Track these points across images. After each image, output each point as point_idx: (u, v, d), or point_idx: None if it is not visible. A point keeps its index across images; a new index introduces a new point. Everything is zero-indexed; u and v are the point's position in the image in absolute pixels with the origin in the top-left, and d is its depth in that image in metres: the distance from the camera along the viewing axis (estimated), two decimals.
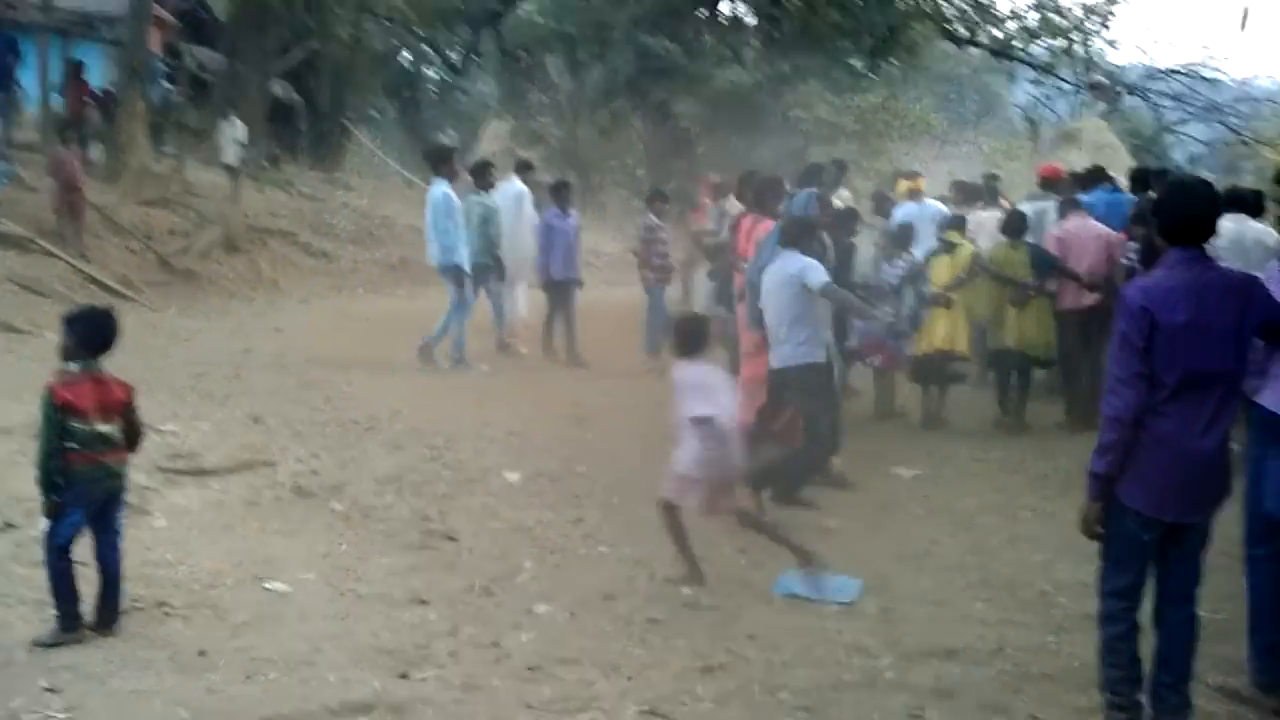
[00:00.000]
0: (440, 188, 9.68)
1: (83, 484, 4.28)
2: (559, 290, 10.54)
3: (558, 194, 10.89)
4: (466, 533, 5.78)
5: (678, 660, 4.34)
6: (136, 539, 5.32)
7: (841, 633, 4.64)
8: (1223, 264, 3.73)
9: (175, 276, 12.97)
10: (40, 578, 4.59)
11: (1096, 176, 9.44)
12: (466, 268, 9.70)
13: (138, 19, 15.06)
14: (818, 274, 6.16)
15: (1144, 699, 3.67)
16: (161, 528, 5.62)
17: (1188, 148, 30.24)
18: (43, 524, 4.40)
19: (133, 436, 4.47)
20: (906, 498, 6.60)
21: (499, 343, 10.68)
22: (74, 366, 4.36)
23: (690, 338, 5.34)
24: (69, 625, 4.28)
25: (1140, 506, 3.55)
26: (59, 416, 4.21)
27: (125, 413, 4.39)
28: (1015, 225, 8.38)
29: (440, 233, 9.55)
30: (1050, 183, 9.98)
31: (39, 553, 4.96)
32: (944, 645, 4.48)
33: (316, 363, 9.77)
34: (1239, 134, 26.39)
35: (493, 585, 5.08)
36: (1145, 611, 3.68)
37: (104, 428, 4.30)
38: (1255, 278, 3.68)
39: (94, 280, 11.57)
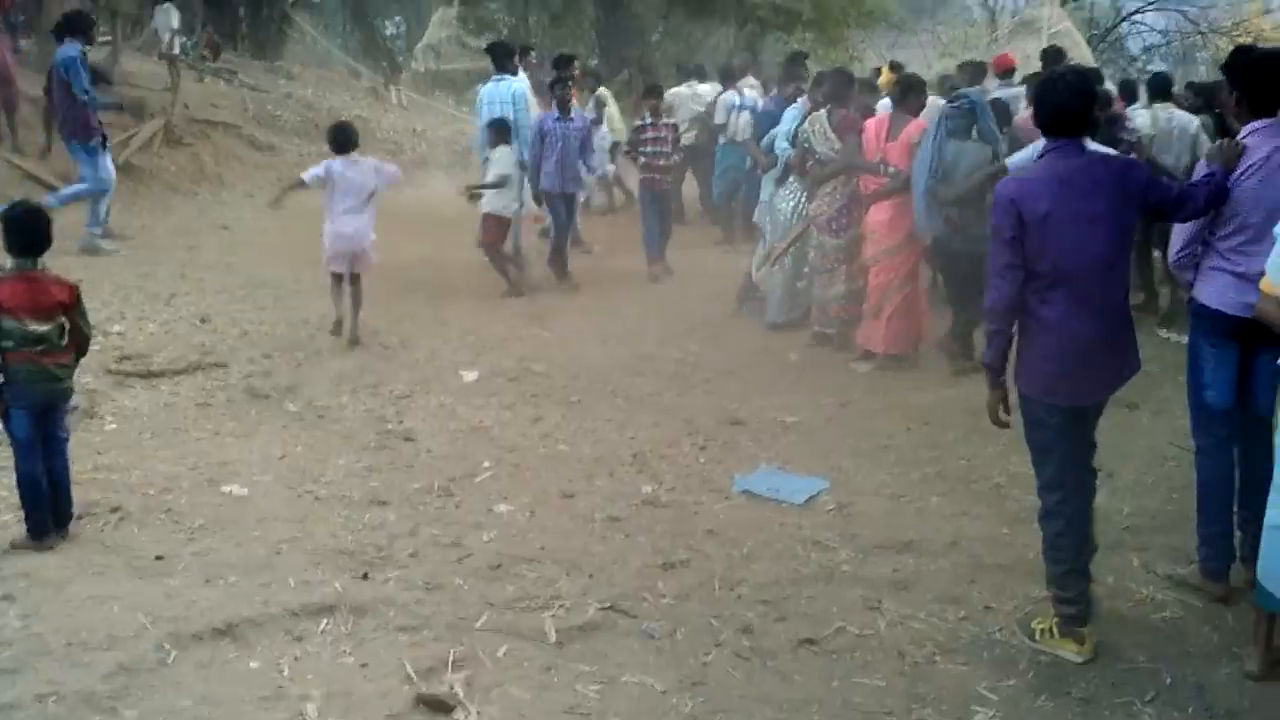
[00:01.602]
0: (512, 84, 9.62)
1: (21, 384, 4.19)
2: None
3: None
4: (424, 433, 5.75)
5: (638, 557, 4.38)
6: (87, 442, 5.25)
7: (800, 527, 4.70)
8: (1097, 151, 3.74)
9: (116, 171, 12.56)
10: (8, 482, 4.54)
11: (1054, 58, 9.54)
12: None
13: None
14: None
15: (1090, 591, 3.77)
16: (112, 430, 5.54)
17: (1144, 37, 30.09)
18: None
19: (78, 340, 4.34)
20: (864, 392, 6.65)
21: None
22: (7, 265, 4.25)
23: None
24: (39, 532, 4.28)
25: (1036, 392, 3.67)
26: None
27: (67, 314, 4.26)
28: (1001, 115, 8.23)
29: (519, 128, 9.37)
30: (1006, 72, 10.02)
31: None
32: (900, 538, 4.56)
33: (264, 260, 9.56)
34: (1195, 24, 26.27)
35: (452, 485, 5.07)
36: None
37: (39, 327, 4.17)
38: (1132, 162, 3.72)
39: (31, 176, 11.14)
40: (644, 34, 19.69)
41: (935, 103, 7.58)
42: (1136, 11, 27.76)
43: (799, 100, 8.55)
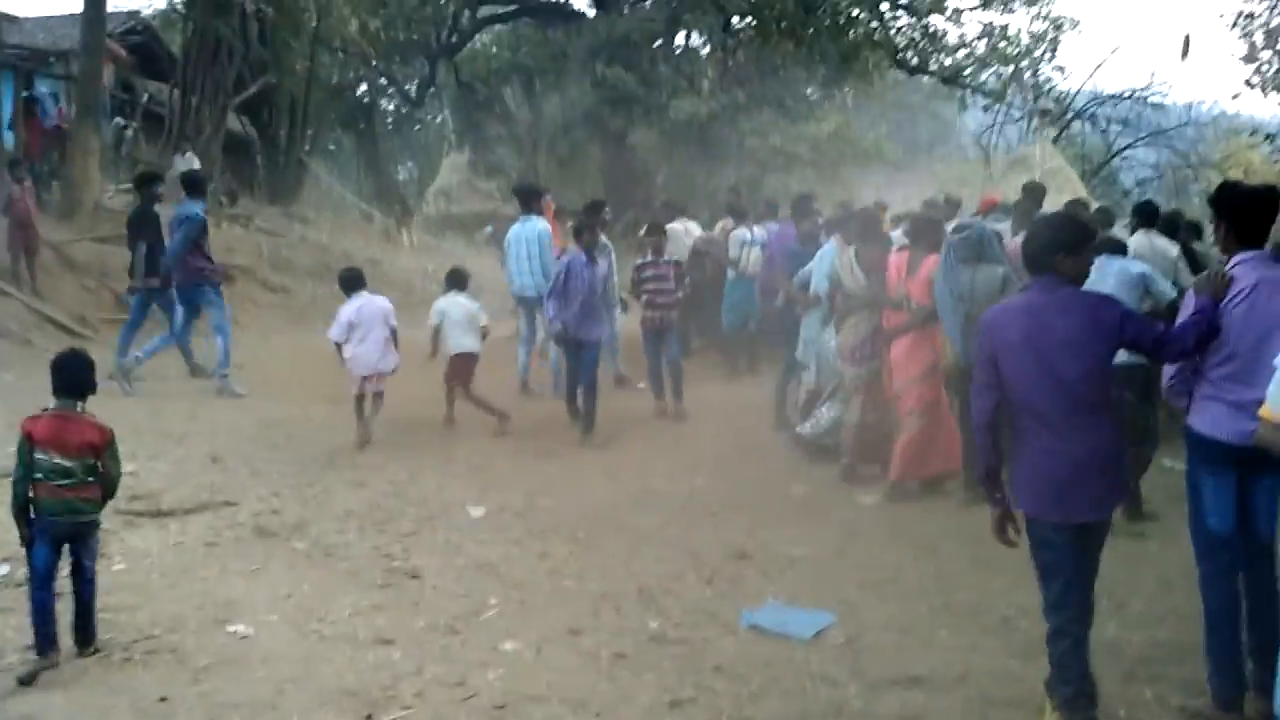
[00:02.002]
0: (535, 223, 10.50)
1: (46, 515, 4.45)
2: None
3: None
4: (431, 570, 5.75)
5: (646, 695, 4.34)
6: (96, 585, 5.25)
7: (808, 662, 4.66)
8: (1076, 288, 3.93)
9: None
10: (5, 624, 4.56)
11: (1035, 193, 10.48)
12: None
13: (90, 54, 14.95)
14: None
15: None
16: (120, 570, 5.55)
17: (1136, 171, 30.87)
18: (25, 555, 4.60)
19: (105, 481, 4.59)
20: (870, 524, 6.65)
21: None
22: (51, 405, 4.56)
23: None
24: (43, 648, 4.43)
25: (1034, 511, 3.86)
26: (25, 447, 4.43)
27: (98, 455, 4.52)
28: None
29: (544, 265, 10.25)
30: (990, 211, 10.50)
31: (5, 598, 4.92)
32: (909, 673, 4.51)
33: (276, 399, 9.70)
34: (1185, 157, 26.96)
35: (458, 623, 5.05)
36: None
37: (65, 462, 4.43)
38: (1108, 299, 3.94)
39: (49, 319, 11.42)
40: (649, 175, 20.28)
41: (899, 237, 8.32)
42: (1127, 147, 28.56)
43: (831, 239, 8.76)
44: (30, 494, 4.44)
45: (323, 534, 6.23)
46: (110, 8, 16.73)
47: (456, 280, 9.27)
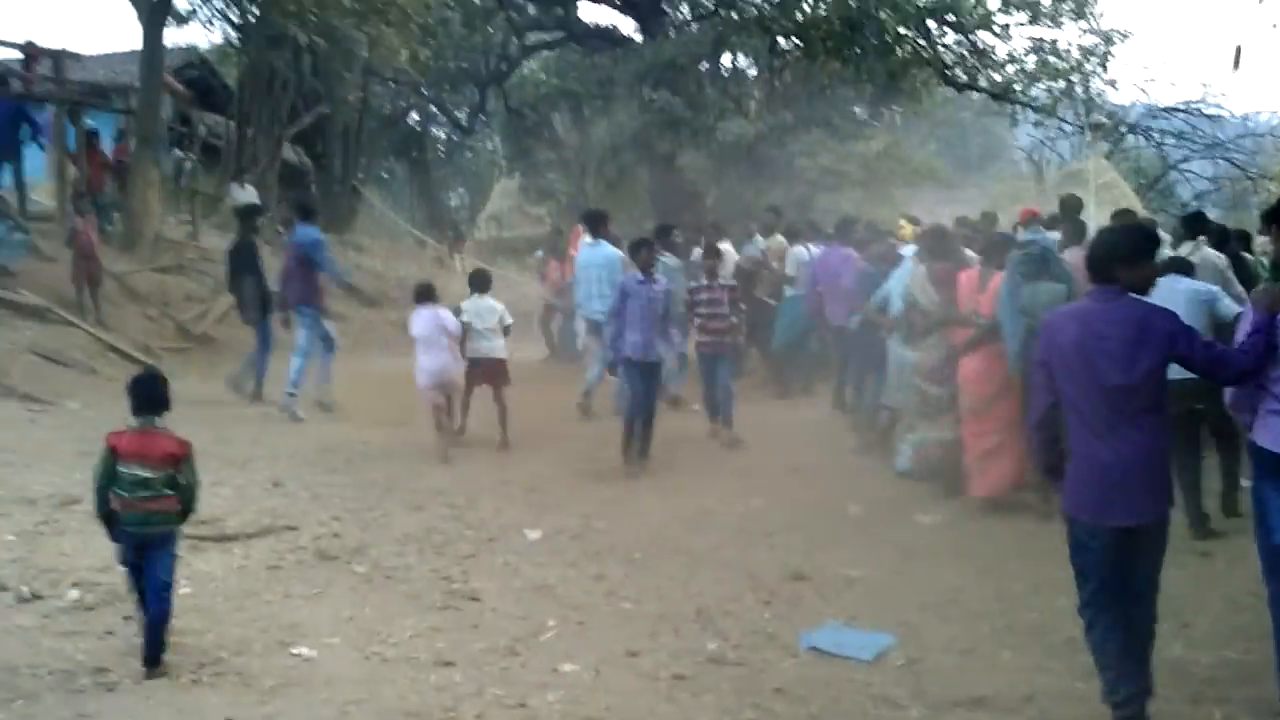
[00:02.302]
0: (605, 248, 10.85)
1: (123, 524, 4.68)
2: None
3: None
4: (489, 592, 5.79)
5: (705, 716, 4.34)
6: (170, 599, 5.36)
7: (869, 684, 4.63)
8: (1134, 297, 4.02)
9: (193, 342, 13.10)
10: (67, 648, 4.67)
11: (1073, 206, 10.66)
12: None
13: (149, 88, 15.32)
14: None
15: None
16: (186, 594, 5.63)
17: (1193, 184, 30.39)
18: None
19: (183, 493, 4.77)
20: (929, 545, 6.59)
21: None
22: (133, 421, 4.79)
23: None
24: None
25: (1069, 509, 4.06)
26: (110, 459, 4.68)
27: (176, 467, 4.73)
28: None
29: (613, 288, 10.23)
30: (1029, 222, 10.49)
31: (67, 624, 5.04)
32: (972, 694, 4.47)
33: (334, 425, 9.83)
34: (1243, 170, 26.49)
35: (517, 645, 5.08)
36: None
37: (145, 474, 4.65)
38: (1163, 311, 4.00)
39: (113, 348, 11.67)
40: (698, 197, 20.30)
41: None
42: (1183, 160, 28.12)
43: (907, 257, 8.79)
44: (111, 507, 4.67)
45: (383, 557, 6.29)
46: (168, 44, 17.13)
47: (480, 282, 9.56)
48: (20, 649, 4.76)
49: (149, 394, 4.82)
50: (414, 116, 28.68)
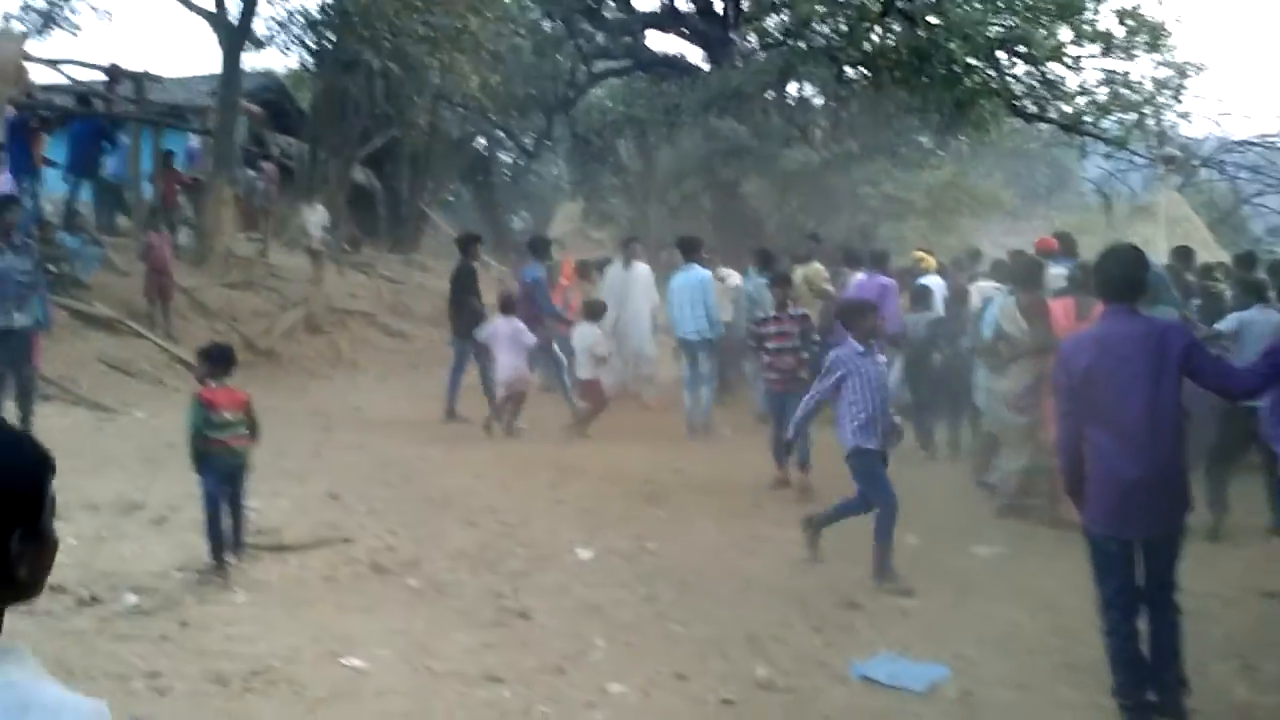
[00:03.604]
0: (698, 271, 11.27)
1: (216, 459, 6.04)
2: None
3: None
4: (540, 610, 5.78)
5: None
6: (218, 614, 5.44)
7: (921, 716, 4.55)
8: (1148, 316, 4.33)
9: (259, 356, 13.31)
10: (122, 651, 4.75)
11: (1067, 242, 10.55)
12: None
13: (226, 110, 15.72)
14: None
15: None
16: (242, 603, 5.71)
17: (1266, 219, 29.69)
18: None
19: (253, 428, 6.24)
20: (986, 578, 6.46)
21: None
22: (211, 383, 6.20)
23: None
24: (217, 556, 5.98)
25: (1090, 523, 4.23)
26: (202, 410, 6.02)
27: (247, 410, 6.18)
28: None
29: (709, 310, 11.03)
30: (1046, 253, 10.26)
31: (123, 627, 5.13)
32: None
33: (393, 440, 9.93)
34: None
35: (566, 663, 5.06)
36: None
37: (231, 417, 6.08)
38: (1177, 326, 4.34)
39: (180, 360, 11.91)
40: (760, 224, 20.27)
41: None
42: (1258, 194, 27.50)
43: (993, 289, 8.85)
44: (203, 447, 6.00)
45: (436, 572, 6.33)
46: (245, 67, 17.56)
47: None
48: (76, 651, 4.85)
49: (223, 358, 6.31)
50: (481, 141, 29.03)
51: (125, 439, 8.97)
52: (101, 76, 17.18)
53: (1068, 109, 21.55)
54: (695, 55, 22.73)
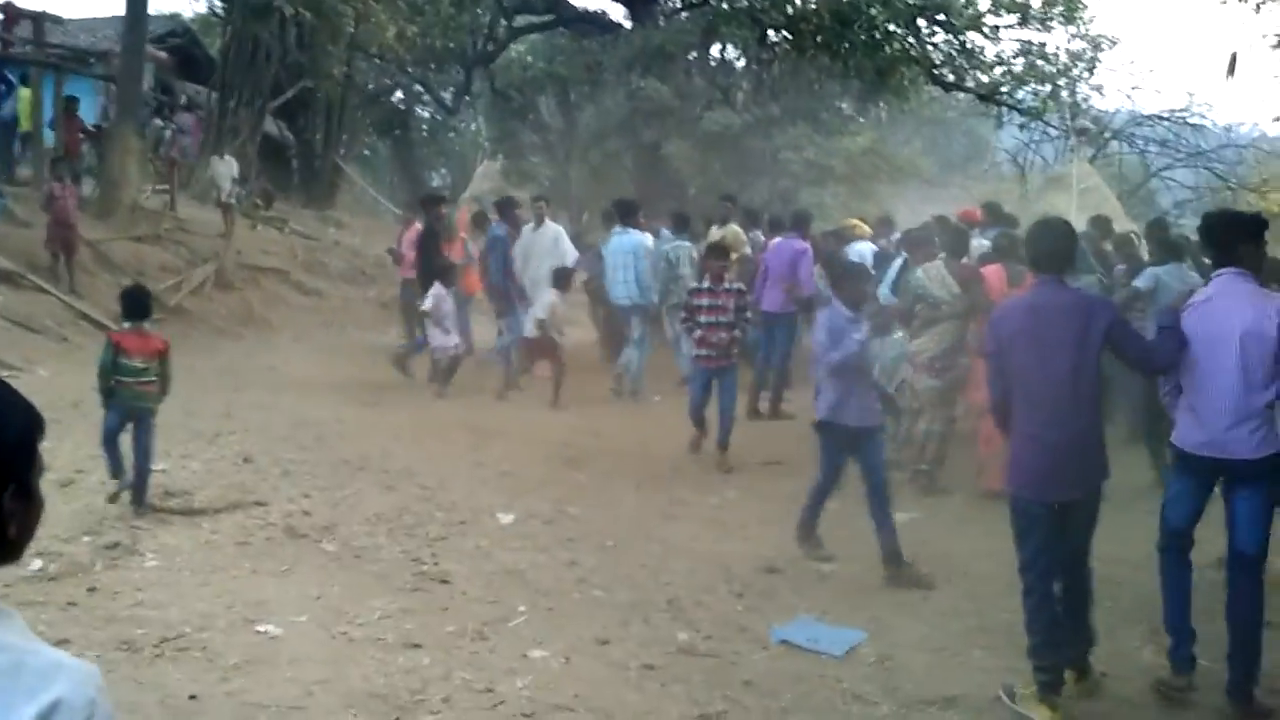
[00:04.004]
0: (634, 236, 11.24)
1: (121, 400, 6.22)
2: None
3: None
4: (459, 575, 5.73)
5: (674, 707, 4.30)
6: (127, 579, 5.29)
7: (840, 680, 4.61)
8: (1076, 289, 4.54)
9: (167, 313, 12.87)
10: (29, 618, 4.57)
11: (996, 212, 11.21)
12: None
13: (131, 55, 15.11)
14: None
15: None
16: (152, 567, 5.56)
17: (1174, 193, 30.57)
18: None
19: (164, 378, 6.34)
20: (903, 542, 6.55)
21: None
22: (125, 325, 6.37)
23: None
24: (115, 473, 6.32)
25: (1012, 486, 4.36)
26: (110, 351, 6.18)
27: (161, 358, 6.28)
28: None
29: (639, 275, 11.05)
30: (970, 223, 10.79)
31: (29, 593, 5.01)
32: (943, 693, 4.46)
33: (308, 401, 9.73)
34: (1224, 180, 26.67)
35: (486, 629, 5.03)
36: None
37: (140, 363, 6.21)
38: (1104, 302, 4.47)
39: (85, 316, 11.52)
40: (681, 186, 20.22)
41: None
42: (1166, 168, 28.28)
43: (902, 253, 9.01)
44: (110, 385, 6.18)
45: (352, 536, 6.22)
46: (151, 10, 16.89)
47: (556, 278, 10.59)
48: None
49: (139, 302, 6.42)
50: (398, 94, 28.47)
51: (28, 397, 8.63)
52: None
53: (985, 79, 21.90)
54: (618, 13, 22.54)
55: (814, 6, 18.96)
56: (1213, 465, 4.26)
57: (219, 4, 21.06)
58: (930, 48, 21.34)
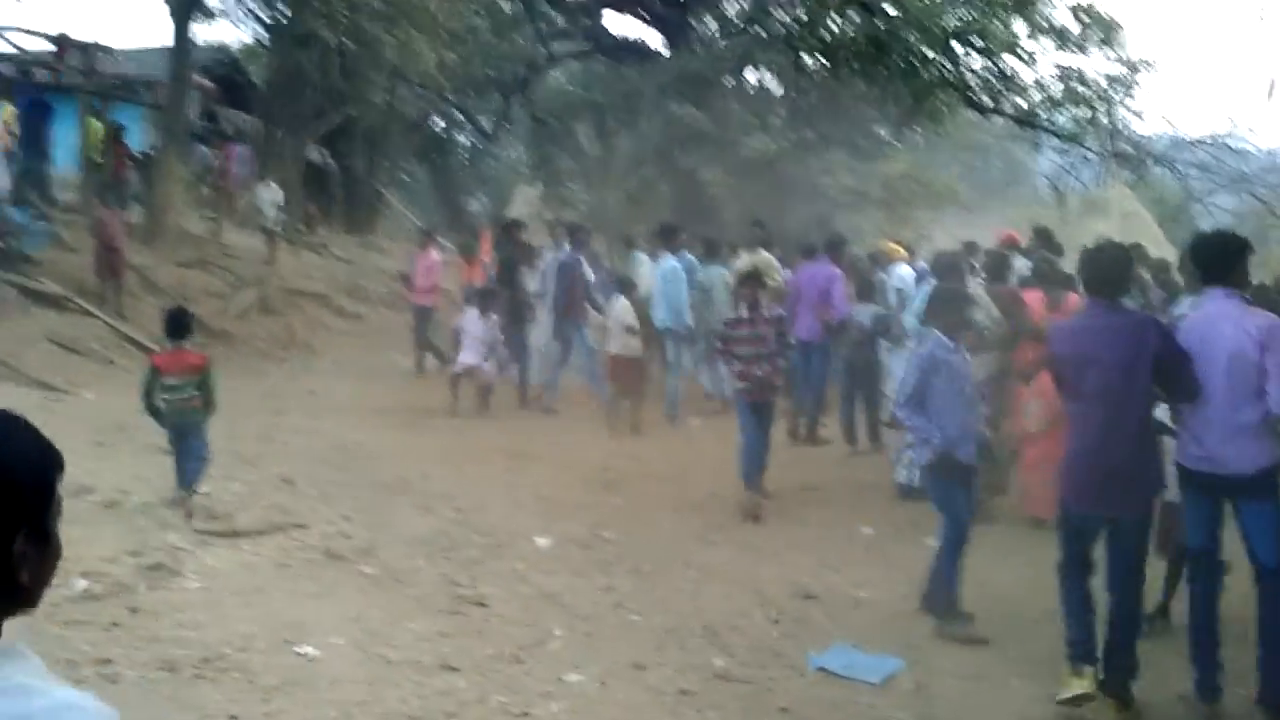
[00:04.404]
0: (672, 260, 11.28)
1: (165, 416, 6.68)
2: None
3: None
4: (496, 598, 5.76)
5: None
6: (168, 600, 5.35)
7: (874, 707, 4.59)
8: (1128, 309, 4.74)
9: (211, 337, 13.08)
10: (72, 638, 4.67)
11: (1045, 236, 11.47)
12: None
13: (177, 83, 15.41)
14: None
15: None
16: (194, 589, 5.63)
17: (1215, 217, 30.19)
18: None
19: (206, 390, 6.69)
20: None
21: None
22: (168, 345, 6.85)
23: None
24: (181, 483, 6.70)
25: (1062, 494, 4.62)
26: (150, 374, 6.70)
27: (202, 373, 6.67)
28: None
29: (669, 299, 11.10)
30: (1010, 245, 10.96)
31: (73, 613, 5.04)
32: None
33: (347, 424, 9.83)
34: (1267, 204, 26.32)
35: (522, 653, 5.05)
36: None
37: (178, 381, 6.60)
38: (1152, 322, 4.57)
39: (130, 339, 11.70)
40: (717, 212, 20.27)
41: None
42: (1207, 193, 27.92)
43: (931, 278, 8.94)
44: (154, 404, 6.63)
45: (391, 559, 6.27)
46: (198, 41, 17.25)
47: (624, 286, 10.62)
48: (24, 638, 4.74)
49: (179, 322, 6.81)
50: (438, 121, 28.77)
51: (74, 420, 8.79)
52: (49, 46, 16.78)
53: (1022, 103, 21.78)
54: (655, 40, 22.69)
55: (850, 32, 18.97)
56: (1213, 481, 4.33)
57: (263, 33, 21.41)
58: (967, 72, 21.29)
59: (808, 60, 20.78)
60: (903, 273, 10.97)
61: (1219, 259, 4.49)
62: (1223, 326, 4.29)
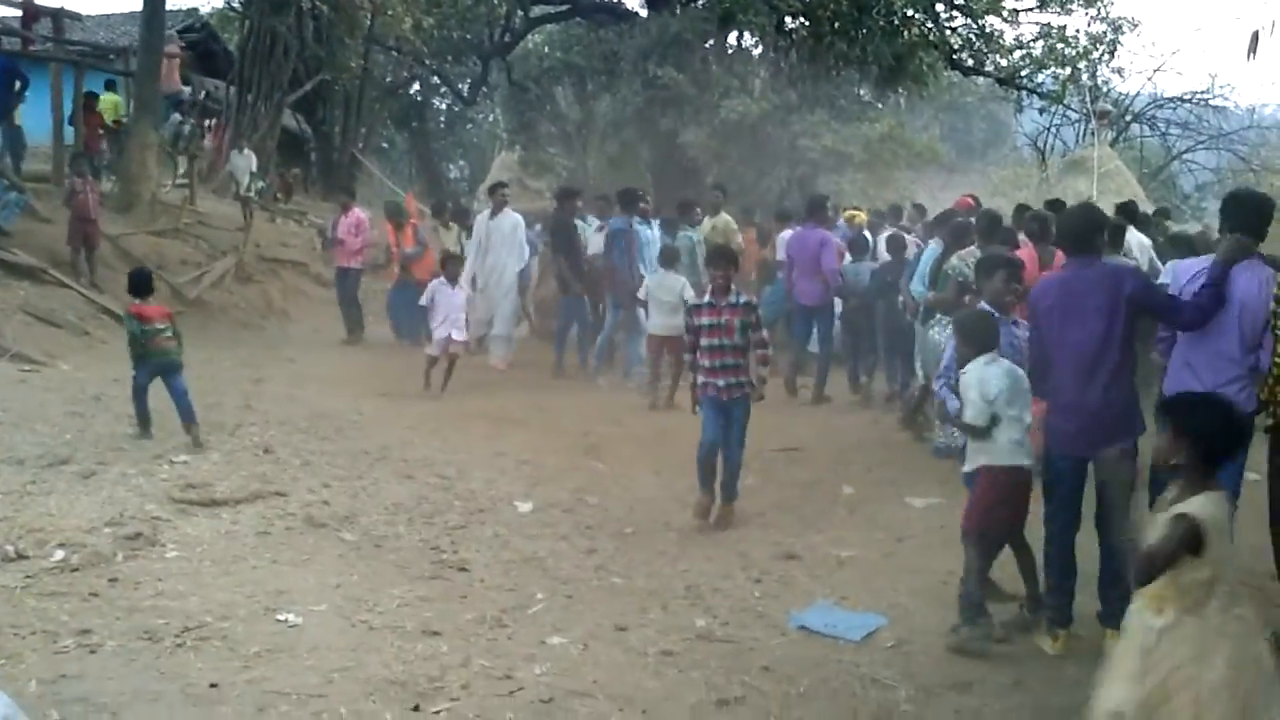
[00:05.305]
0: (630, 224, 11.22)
1: (150, 357, 7.56)
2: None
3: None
4: (478, 563, 5.76)
5: (692, 693, 4.31)
6: (148, 570, 5.33)
7: (858, 665, 4.61)
8: (1105, 263, 4.96)
9: (187, 306, 12.96)
10: (51, 608, 4.65)
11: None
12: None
13: (149, 51, 15.17)
14: None
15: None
16: (174, 558, 5.60)
17: (1196, 175, 30.28)
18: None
19: (177, 335, 7.67)
20: (921, 528, 6.56)
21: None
22: (137, 300, 7.67)
23: None
24: (145, 431, 7.64)
25: (1047, 441, 4.78)
26: (135, 320, 7.54)
27: (170, 321, 7.67)
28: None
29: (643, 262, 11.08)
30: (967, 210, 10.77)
31: (51, 584, 5.02)
32: (961, 678, 4.45)
33: (327, 392, 9.78)
34: (1247, 162, 26.38)
35: (505, 616, 5.05)
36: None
37: (160, 325, 7.59)
38: (1130, 271, 4.99)
39: (106, 310, 11.58)
40: (698, 174, 20.18)
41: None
42: (1186, 151, 28.00)
43: (932, 241, 8.92)
44: (141, 350, 7.53)
45: (372, 525, 6.26)
46: (169, 5, 16.96)
47: (668, 258, 10.20)
48: (4, 609, 4.73)
49: (145, 282, 7.80)
50: (415, 86, 28.49)
51: (50, 391, 8.72)
52: (15, 13, 16.48)
53: (1004, 63, 21.73)
54: (634, 2, 22.49)
55: None
56: None
57: None
58: (949, 33, 21.21)
59: (789, 21, 20.65)
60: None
61: (1248, 214, 4.86)
62: (1240, 276, 4.71)
